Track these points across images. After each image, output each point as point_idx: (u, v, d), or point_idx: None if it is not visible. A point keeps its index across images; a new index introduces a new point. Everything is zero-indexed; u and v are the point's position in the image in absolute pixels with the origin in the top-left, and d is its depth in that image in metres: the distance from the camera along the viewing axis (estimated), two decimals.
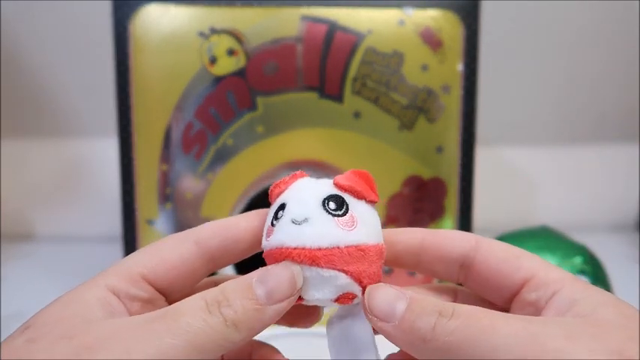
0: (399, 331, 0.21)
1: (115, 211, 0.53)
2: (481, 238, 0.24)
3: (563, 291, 0.21)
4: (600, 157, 0.77)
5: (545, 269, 0.23)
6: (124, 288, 0.22)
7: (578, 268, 0.51)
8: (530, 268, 0.23)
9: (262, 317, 0.21)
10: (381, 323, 0.22)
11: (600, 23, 0.72)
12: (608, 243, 0.69)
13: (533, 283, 0.22)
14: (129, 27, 0.48)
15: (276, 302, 0.21)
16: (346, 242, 0.22)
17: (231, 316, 0.20)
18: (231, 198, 0.50)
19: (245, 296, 0.21)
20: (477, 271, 0.24)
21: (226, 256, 0.25)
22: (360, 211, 0.23)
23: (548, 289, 0.22)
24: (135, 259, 0.24)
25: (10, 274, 0.63)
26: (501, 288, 0.23)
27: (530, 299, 0.22)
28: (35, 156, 0.73)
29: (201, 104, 0.49)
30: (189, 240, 0.25)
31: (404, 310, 0.21)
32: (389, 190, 0.50)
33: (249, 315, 0.21)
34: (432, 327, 0.20)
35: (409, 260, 0.25)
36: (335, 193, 0.23)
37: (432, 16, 0.49)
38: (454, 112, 0.50)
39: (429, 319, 0.20)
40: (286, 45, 0.48)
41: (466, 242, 0.24)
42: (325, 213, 0.23)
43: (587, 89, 0.75)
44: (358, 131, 0.50)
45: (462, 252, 0.24)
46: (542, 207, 0.77)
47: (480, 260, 0.24)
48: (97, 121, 0.71)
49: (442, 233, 0.25)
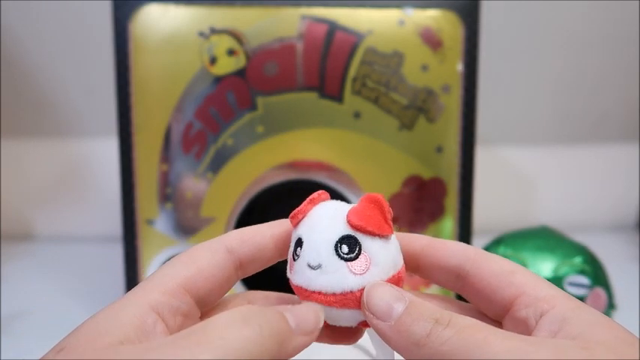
0: (394, 331, 0.21)
1: (115, 211, 0.53)
2: (481, 251, 0.25)
3: (555, 310, 0.21)
4: (600, 157, 0.77)
5: (537, 286, 0.23)
6: (168, 302, 0.22)
7: (578, 268, 0.51)
8: (522, 284, 0.23)
9: (291, 340, 0.21)
10: (377, 321, 0.22)
11: (600, 23, 0.72)
12: (608, 243, 0.69)
13: (524, 300, 0.22)
14: (129, 27, 0.48)
15: (303, 335, 0.22)
16: (359, 287, 0.23)
17: (267, 328, 0.20)
18: (231, 198, 0.50)
19: (279, 316, 0.21)
20: (471, 282, 0.24)
21: (253, 264, 0.26)
22: (374, 250, 0.24)
23: (538, 307, 0.22)
24: (173, 270, 0.23)
25: (10, 274, 0.63)
26: (493, 302, 0.23)
27: (521, 316, 0.22)
28: (35, 156, 0.73)
29: (201, 104, 0.49)
30: (222, 247, 0.25)
31: (402, 311, 0.21)
32: (389, 190, 0.50)
33: (282, 332, 0.21)
34: (427, 333, 0.20)
35: (411, 264, 0.26)
36: (348, 233, 0.24)
37: (432, 16, 0.49)
38: (454, 112, 0.50)
39: (425, 325, 0.20)
40: (286, 45, 0.48)
41: (463, 254, 0.25)
42: (337, 258, 0.23)
43: (587, 89, 0.75)
44: (358, 131, 0.50)
45: (457, 263, 0.25)
46: (542, 207, 0.77)
47: (475, 273, 0.24)
48: (97, 121, 0.71)
49: (443, 243, 0.26)
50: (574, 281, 0.50)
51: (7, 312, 0.54)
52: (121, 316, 0.21)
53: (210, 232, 0.50)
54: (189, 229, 0.50)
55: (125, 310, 0.21)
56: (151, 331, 0.21)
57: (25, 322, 0.53)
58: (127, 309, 0.21)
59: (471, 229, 0.52)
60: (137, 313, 0.21)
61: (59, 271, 0.63)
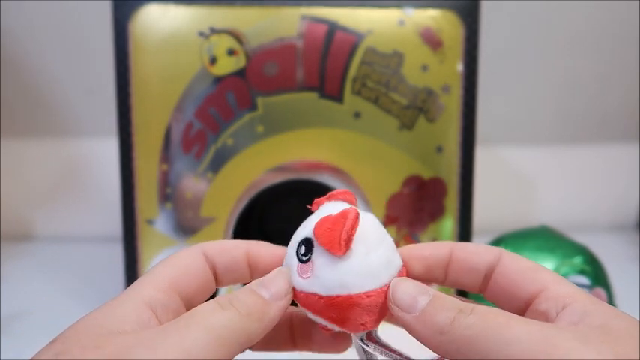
0: (418, 322, 0.22)
1: (115, 211, 0.53)
2: (504, 250, 0.25)
3: (575, 304, 0.22)
4: (600, 157, 0.77)
5: (559, 283, 0.23)
6: (161, 299, 0.23)
7: (578, 268, 0.51)
8: (544, 280, 0.23)
9: (269, 311, 0.23)
10: (402, 313, 0.23)
11: (600, 23, 0.72)
12: (608, 243, 0.69)
13: (545, 295, 0.23)
14: (129, 27, 0.48)
15: (279, 299, 0.23)
16: (301, 289, 0.25)
17: (243, 308, 0.22)
18: (231, 198, 0.50)
19: (251, 294, 0.23)
20: (495, 281, 0.25)
21: (227, 276, 0.27)
22: (319, 263, 0.24)
23: (560, 301, 0.22)
24: (163, 270, 0.25)
25: (10, 274, 0.63)
26: (515, 298, 0.24)
27: (542, 309, 0.23)
28: (35, 156, 0.73)
29: (201, 104, 0.49)
30: (201, 253, 0.26)
31: (426, 303, 0.22)
32: (389, 190, 0.50)
33: (258, 306, 0.23)
34: (451, 321, 0.21)
35: (438, 273, 0.27)
36: (309, 237, 0.25)
37: (432, 16, 0.49)
38: (454, 112, 0.50)
39: (449, 314, 0.21)
40: (286, 45, 0.48)
41: (491, 254, 0.25)
42: (295, 257, 0.25)
43: (587, 89, 0.75)
44: (358, 131, 0.50)
45: (487, 264, 0.25)
46: (542, 207, 0.77)
47: (499, 271, 0.25)
48: (97, 121, 0.71)
49: (470, 247, 0.26)
50: (574, 281, 0.50)
51: (7, 312, 0.54)
52: (118, 312, 0.22)
53: (210, 232, 0.50)
54: (189, 230, 0.50)
55: (122, 306, 0.22)
56: (146, 325, 0.22)
57: (25, 322, 0.53)
58: (123, 305, 0.22)
59: (471, 229, 0.52)
60: (133, 308, 0.22)
61: (59, 271, 0.63)
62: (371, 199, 0.50)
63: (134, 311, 0.22)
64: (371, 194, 0.50)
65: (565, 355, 0.19)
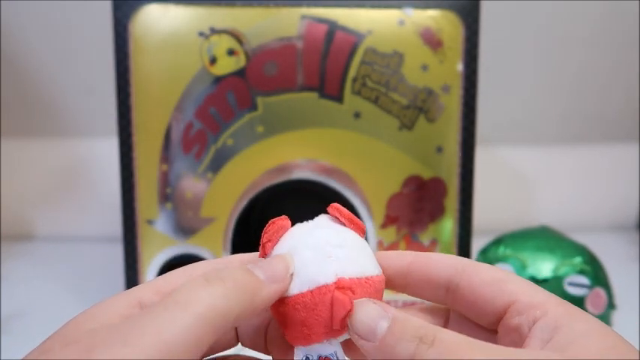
0: (378, 352, 0.21)
1: (115, 211, 0.53)
2: (469, 261, 0.24)
3: (547, 317, 0.21)
4: (600, 157, 0.77)
5: (529, 292, 0.22)
6: (156, 300, 0.22)
7: (578, 268, 0.50)
8: (514, 291, 0.22)
9: (260, 290, 0.21)
10: (362, 342, 0.21)
11: (600, 23, 0.72)
12: (608, 243, 0.69)
13: (516, 307, 0.22)
14: (129, 27, 0.48)
15: (274, 282, 0.22)
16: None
17: (230, 283, 0.20)
18: (231, 198, 0.50)
19: (245, 271, 0.21)
20: (462, 294, 0.24)
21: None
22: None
23: (530, 314, 0.21)
24: (166, 277, 0.23)
25: (10, 274, 0.63)
26: (486, 311, 0.23)
27: (514, 324, 0.22)
28: (35, 156, 0.73)
29: (201, 104, 0.49)
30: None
31: (385, 330, 0.21)
32: (389, 190, 0.50)
33: (249, 282, 0.21)
34: (412, 353, 0.20)
35: (398, 283, 0.25)
36: None
37: (432, 16, 0.49)
38: (454, 112, 0.50)
39: (409, 346, 0.20)
40: (286, 45, 0.48)
41: (452, 266, 0.24)
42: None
43: (588, 89, 0.75)
44: (358, 131, 0.50)
45: (447, 276, 0.24)
46: (542, 207, 0.77)
47: (465, 284, 0.24)
48: (97, 121, 0.71)
49: (429, 257, 0.25)
50: (574, 281, 0.50)
51: (7, 312, 0.54)
52: (108, 309, 0.21)
53: (210, 232, 0.50)
54: (189, 230, 0.50)
55: (113, 304, 0.21)
56: None
57: (25, 322, 0.53)
58: (116, 302, 0.21)
59: (471, 229, 0.52)
60: (124, 304, 0.21)
61: (59, 271, 0.63)
62: (371, 199, 0.50)
63: (125, 307, 0.21)
64: (371, 194, 0.50)
65: None
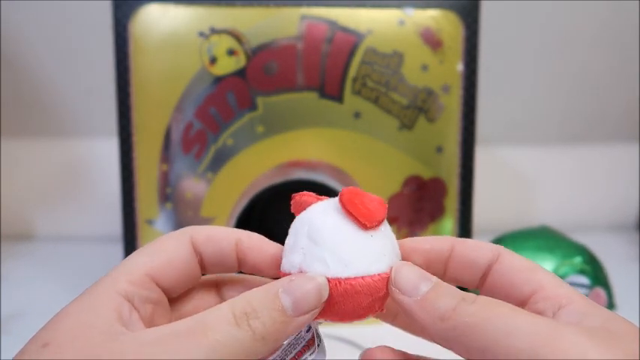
0: (418, 306, 0.21)
1: (115, 211, 0.53)
2: (503, 249, 0.25)
3: (572, 306, 0.21)
4: (600, 157, 0.77)
5: (556, 284, 0.23)
6: (137, 291, 0.22)
7: (578, 268, 0.51)
8: (542, 281, 0.23)
9: (287, 329, 0.21)
10: (402, 296, 0.22)
11: (600, 23, 0.72)
12: (608, 243, 0.69)
13: (542, 295, 0.23)
14: (129, 27, 0.48)
15: (302, 314, 0.22)
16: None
17: (259, 330, 0.20)
18: (231, 198, 0.50)
19: (272, 307, 0.21)
20: (493, 278, 0.25)
21: (214, 267, 0.25)
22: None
23: (556, 301, 0.22)
24: (140, 260, 0.23)
25: (10, 274, 0.63)
26: (511, 297, 0.24)
27: (538, 309, 0.22)
28: (35, 156, 0.73)
29: (201, 104, 0.49)
30: (187, 240, 0.25)
31: (429, 287, 0.22)
32: (389, 190, 0.50)
33: (277, 327, 0.21)
34: (453, 308, 0.21)
35: (438, 268, 0.26)
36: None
37: (432, 16, 0.49)
38: (454, 112, 0.50)
39: (451, 301, 0.21)
40: (286, 45, 0.48)
41: (491, 251, 0.25)
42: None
43: (587, 89, 0.75)
44: (358, 131, 0.50)
45: (487, 261, 0.25)
46: (542, 207, 0.77)
47: (497, 269, 0.24)
48: (97, 121, 0.71)
49: (470, 242, 0.26)
50: (574, 281, 0.50)
51: (7, 312, 0.54)
52: (98, 307, 0.21)
53: None
54: None
55: (99, 301, 0.21)
56: (128, 319, 0.21)
57: (25, 322, 0.53)
58: (100, 299, 0.21)
59: (471, 229, 0.52)
60: (112, 303, 0.21)
61: (59, 271, 0.63)
62: None
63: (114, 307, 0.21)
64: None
65: (570, 347, 0.18)
